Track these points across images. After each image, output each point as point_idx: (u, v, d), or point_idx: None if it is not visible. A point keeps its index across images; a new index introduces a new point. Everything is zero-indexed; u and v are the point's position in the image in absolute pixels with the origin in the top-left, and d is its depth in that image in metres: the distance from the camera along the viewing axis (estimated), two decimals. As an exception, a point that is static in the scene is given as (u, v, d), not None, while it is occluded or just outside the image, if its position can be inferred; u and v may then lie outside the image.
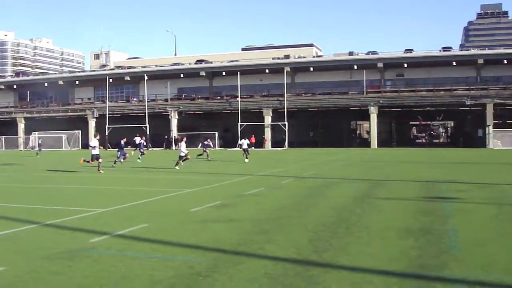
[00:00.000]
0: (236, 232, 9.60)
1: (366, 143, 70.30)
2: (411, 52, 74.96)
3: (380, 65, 71.65)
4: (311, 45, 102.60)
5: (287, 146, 65.18)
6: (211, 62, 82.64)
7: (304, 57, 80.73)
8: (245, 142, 35.21)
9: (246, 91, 71.67)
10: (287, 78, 69.47)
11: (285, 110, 65.81)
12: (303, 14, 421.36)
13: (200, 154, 36.91)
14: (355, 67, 72.08)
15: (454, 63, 69.75)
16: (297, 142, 68.07)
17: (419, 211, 11.98)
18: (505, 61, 67.82)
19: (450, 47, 77.99)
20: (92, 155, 25.78)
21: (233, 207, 12.87)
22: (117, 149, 31.96)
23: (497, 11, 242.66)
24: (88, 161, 26.38)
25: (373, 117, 65.53)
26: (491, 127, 61.19)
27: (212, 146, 41.74)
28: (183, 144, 28.32)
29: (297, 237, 9.02)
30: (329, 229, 9.78)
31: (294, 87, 74.54)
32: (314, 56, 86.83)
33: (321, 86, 72.79)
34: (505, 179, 20.52)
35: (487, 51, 76.48)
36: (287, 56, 79.45)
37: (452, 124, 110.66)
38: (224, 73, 76.64)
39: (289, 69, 73.10)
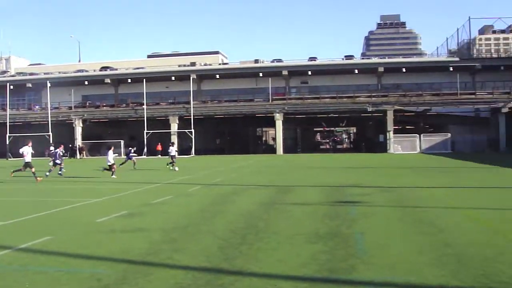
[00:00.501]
0: (145, 242, 9.37)
1: (272, 150, 71.18)
2: (315, 60, 76.87)
3: (285, 72, 73.04)
4: (217, 52, 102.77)
5: (193, 153, 64.84)
6: (116, 69, 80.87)
7: (210, 65, 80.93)
8: (173, 150, 34.86)
9: (152, 99, 70.59)
10: (193, 86, 69.12)
11: (192, 117, 65.43)
12: (209, 22, 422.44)
13: (123, 163, 35.66)
14: (261, 74, 73.00)
15: (356, 71, 72.34)
16: (204, 150, 67.82)
17: (326, 215, 12.23)
18: (404, 69, 71.18)
19: (352, 56, 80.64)
20: (25, 162, 25.25)
21: (141, 216, 12.60)
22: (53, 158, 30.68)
23: (395, 21, 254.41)
24: (19, 170, 25.65)
25: (279, 124, 66.42)
26: (391, 132, 63.63)
27: (136, 154, 39.73)
28: (110, 153, 27.41)
29: (207, 245, 8.93)
30: (238, 236, 9.77)
31: (200, 94, 74.37)
32: (220, 64, 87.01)
33: (227, 94, 73.16)
34: (405, 182, 21.43)
35: (387, 60, 79.92)
36: (193, 64, 79.20)
37: (355, 130, 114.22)
38: (129, 80, 75.40)
39: (195, 77, 72.80)
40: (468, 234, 9.55)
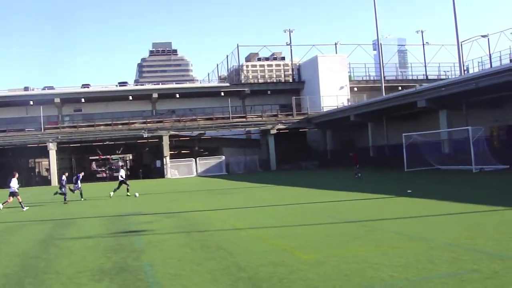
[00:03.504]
0: None
1: (46, 181, 67.03)
2: (88, 87, 74.74)
3: (57, 100, 69.58)
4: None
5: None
6: None
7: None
8: (123, 172, 33.16)
9: None
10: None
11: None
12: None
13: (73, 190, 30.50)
14: (31, 103, 68.58)
15: (131, 98, 71.76)
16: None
17: (110, 248, 11.49)
18: (178, 95, 72.41)
19: (126, 82, 79.96)
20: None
21: None
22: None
23: (167, 49, 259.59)
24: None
25: (52, 154, 62.93)
26: (168, 157, 64.11)
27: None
28: (14, 181, 24.71)
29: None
30: (14, 280, 8.64)
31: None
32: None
33: (-5, 124, 67.42)
34: (186, 207, 21.37)
35: (160, 86, 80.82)
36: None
37: (131, 157, 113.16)
38: None
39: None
40: (257, 255, 9.57)
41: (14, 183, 24.86)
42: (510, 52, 69.43)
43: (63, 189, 29.18)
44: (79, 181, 30.87)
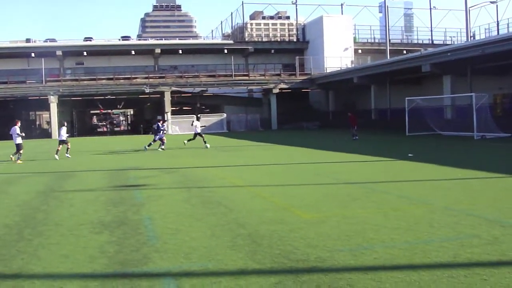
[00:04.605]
0: None
1: (47, 134, 66.95)
2: (90, 40, 74.04)
3: (59, 53, 68.87)
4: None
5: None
6: None
7: (-27, 42, 73.18)
8: (198, 124, 32.33)
9: None
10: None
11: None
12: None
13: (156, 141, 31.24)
14: (33, 55, 67.90)
15: (133, 52, 71.08)
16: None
17: (110, 201, 11.53)
18: (180, 51, 71.84)
19: (129, 37, 79.21)
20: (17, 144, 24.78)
21: None
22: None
23: (171, 4, 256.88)
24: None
25: (53, 107, 62.65)
26: (169, 113, 63.97)
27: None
28: (64, 129, 26.59)
29: (-25, 245, 7.72)
30: (14, 231, 8.66)
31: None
32: (-13, 42, 79.30)
33: (-4, 75, 66.90)
34: (187, 163, 21.38)
35: (163, 41, 79.93)
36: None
37: (132, 112, 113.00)
38: None
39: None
40: (257, 212, 9.59)
41: (63, 132, 26.43)
42: (518, 19, 68.60)
43: (156, 137, 30.53)
44: (161, 129, 30.92)
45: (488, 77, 43.72)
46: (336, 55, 69.96)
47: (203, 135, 32.11)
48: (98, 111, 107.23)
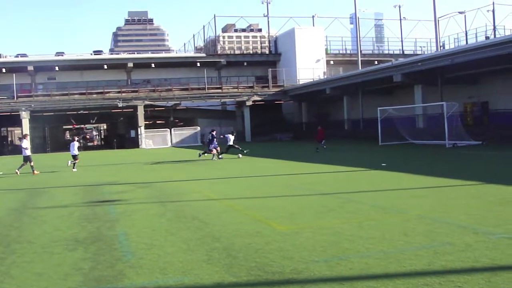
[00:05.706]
0: None
1: (19, 151, 65.94)
2: (62, 55, 73.56)
3: (30, 68, 68.36)
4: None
5: None
6: None
7: None
8: (231, 137, 32.75)
9: None
10: None
11: None
12: None
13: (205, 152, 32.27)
14: (4, 70, 67.38)
15: (106, 67, 70.82)
16: None
17: (84, 217, 11.39)
18: (153, 65, 71.80)
19: (101, 51, 78.78)
20: (25, 157, 26.19)
21: None
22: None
23: (143, 18, 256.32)
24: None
25: (25, 122, 61.98)
26: (143, 128, 63.71)
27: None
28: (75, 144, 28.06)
29: None
30: (-15, 250, 8.51)
31: None
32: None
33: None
34: (161, 177, 21.28)
35: (136, 55, 79.79)
36: None
37: (105, 127, 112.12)
38: None
39: None
40: (233, 226, 9.55)
41: (76, 147, 28.07)
42: (486, 29, 70.13)
43: (211, 146, 31.20)
44: (215, 140, 31.41)
45: (458, 86, 44.43)
46: (309, 67, 70.49)
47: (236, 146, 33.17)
48: (71, 127, 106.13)
